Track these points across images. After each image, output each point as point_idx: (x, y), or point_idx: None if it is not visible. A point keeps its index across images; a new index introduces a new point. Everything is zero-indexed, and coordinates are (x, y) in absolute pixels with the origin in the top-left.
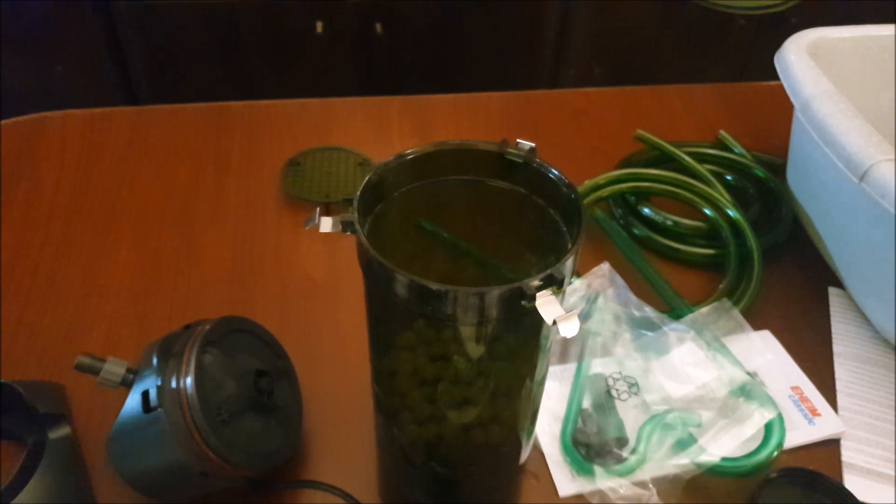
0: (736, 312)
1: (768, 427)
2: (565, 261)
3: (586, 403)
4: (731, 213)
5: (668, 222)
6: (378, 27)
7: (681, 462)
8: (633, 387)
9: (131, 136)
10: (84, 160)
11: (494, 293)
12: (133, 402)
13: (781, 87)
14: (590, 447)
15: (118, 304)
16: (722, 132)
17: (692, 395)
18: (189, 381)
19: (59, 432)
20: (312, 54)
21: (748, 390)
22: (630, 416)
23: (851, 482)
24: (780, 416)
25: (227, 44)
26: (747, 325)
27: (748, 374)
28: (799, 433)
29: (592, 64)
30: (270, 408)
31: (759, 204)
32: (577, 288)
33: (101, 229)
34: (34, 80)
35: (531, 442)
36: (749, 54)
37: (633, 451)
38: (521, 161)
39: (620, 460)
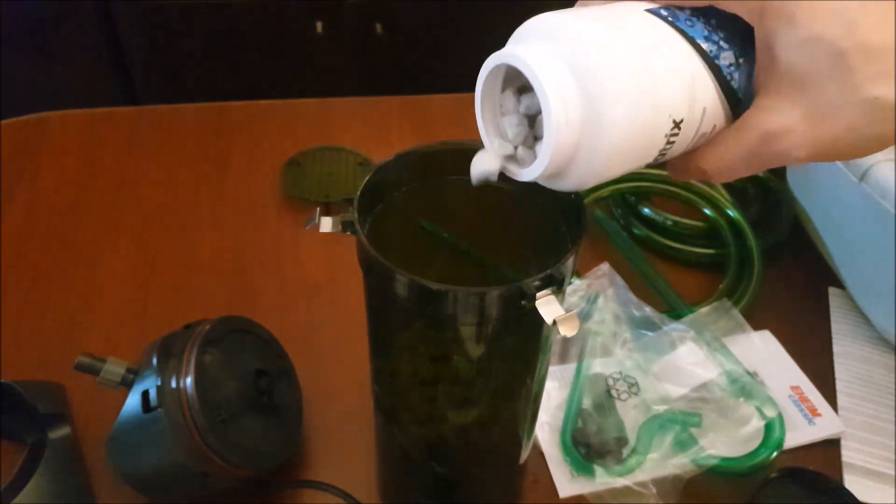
0: (736, 312)
1: (768, 427)
2: (565, 261)
3: (586, 403)
4: (731, 213)
5: (668, 222)
6: (378, 27)
7: (681, 462)
8: (633, 387)
9: (131, 136)
10: (84, 160)
11: (494, 293)
12: (133, 402)
13: None
14: (590, 447)
15: (118, 304)
16: None
17: (692, 395)
18: (189, 381)
19: (59, 432)
20: (312, 54)
21: (748, 390)
22: (630, 416)
23: (851, 482)
24: (780, 416)
25: (227, 44)
26: (747, 325)
27: (748, 374)
28: (799, 433)
29: None
30: (270, 408)
31: (759, 204)
32: (577, 288)
33: (101, 229)
34: (34, 80)
35: (531, 442)
36: None
37: (633, 451)
38: None
39: (620, 460)
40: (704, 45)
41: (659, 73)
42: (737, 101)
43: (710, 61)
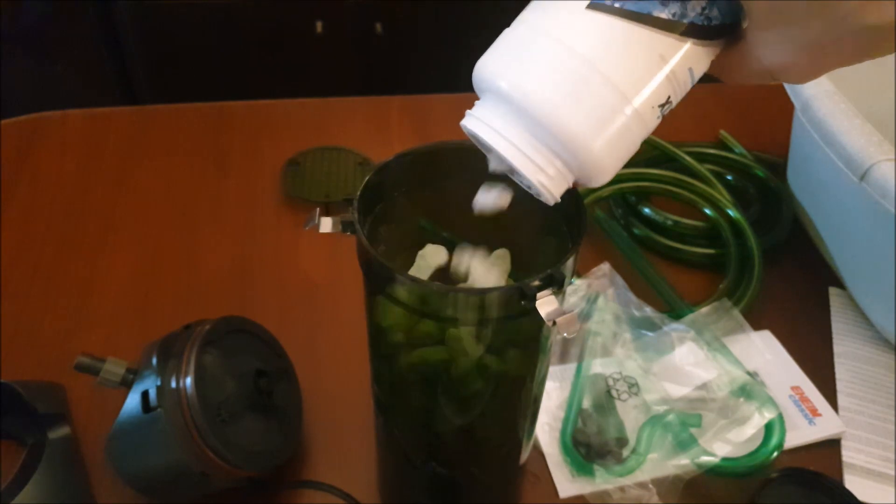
0: (736, 312)
1: (769, 427)
2: (565, 261)
3: (586, 403)
4: (732, 213)
5: (669, 222)
6: (378, 27)
7: (681, 462)
8: (633, 387)
9: (131, 136)
10: (84, 160)
11: (494, 293)
12: (133, 402)
13: (781, 87)
14: (590, 447)
15: (118, 304)
16: (722, 132)
17: (692, 395)
18: (189, 381)
19: (59, 432)
20: (312, 54)
21: (748, 390)
22: (630, 416)
23: (852, 482)
24: (780, 417)
25: (227, 44)
26: (747, 325)
27: (748, 374)
28: (799, 433)
29: None
30: (270, 408)
31: (759, 204)
32: (577, 288)
33: (101, 229)
34: (34, 80)
35: (531, 442)
36: None
37: (633, 452)
38: None
39: (620, 460)
40: (664, 13)
41: (620, 85)
42: (728, 25)
43: (675, 26)
